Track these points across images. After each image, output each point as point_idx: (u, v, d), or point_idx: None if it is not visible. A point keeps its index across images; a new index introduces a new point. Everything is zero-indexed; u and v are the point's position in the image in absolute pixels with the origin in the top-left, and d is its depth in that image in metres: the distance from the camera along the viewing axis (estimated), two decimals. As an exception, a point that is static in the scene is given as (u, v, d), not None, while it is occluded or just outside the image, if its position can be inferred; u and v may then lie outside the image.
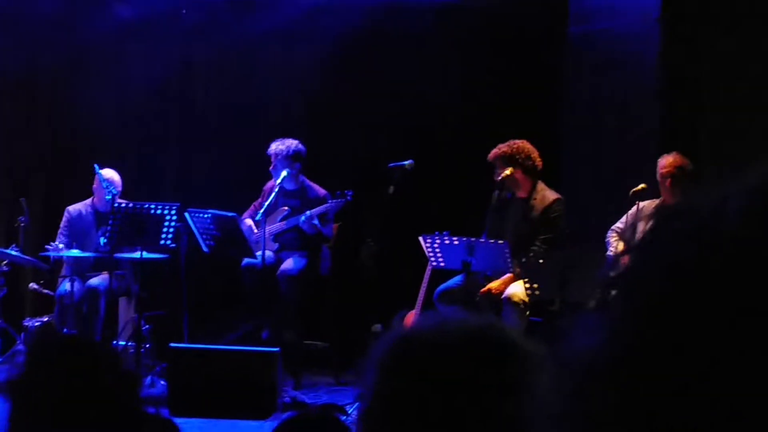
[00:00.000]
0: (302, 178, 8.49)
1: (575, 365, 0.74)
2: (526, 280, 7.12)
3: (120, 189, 8.35)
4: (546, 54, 9.09)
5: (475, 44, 9.22)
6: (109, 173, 8.44)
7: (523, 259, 7.17)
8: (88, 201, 8.72)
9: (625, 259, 0.78)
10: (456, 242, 7.16)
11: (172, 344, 7.51)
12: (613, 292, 0.78)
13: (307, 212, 8.21)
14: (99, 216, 8.57)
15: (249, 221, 8.50)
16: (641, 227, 7.39)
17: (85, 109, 9.58)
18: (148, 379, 7.82)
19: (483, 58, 9.20)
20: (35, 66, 9.70)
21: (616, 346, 0.72)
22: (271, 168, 8.40)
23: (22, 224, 8.66)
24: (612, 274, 0.79)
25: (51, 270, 8.66)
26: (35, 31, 9.53)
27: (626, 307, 0.74)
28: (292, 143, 8.37)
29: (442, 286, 7.63)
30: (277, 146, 8.36)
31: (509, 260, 7.18)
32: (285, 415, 6.58)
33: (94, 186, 8.61)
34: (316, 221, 8.21)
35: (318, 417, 2.47)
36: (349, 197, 8.09)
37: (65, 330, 7.98)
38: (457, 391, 1.38)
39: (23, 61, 9.61)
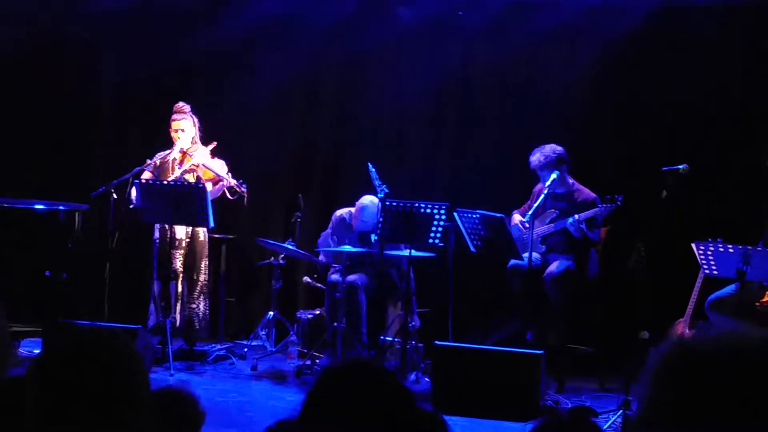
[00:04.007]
0: (572, 181, 8.39)
1: None
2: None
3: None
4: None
5: (754, 46, 8.85)
6: (368, 198, 8.60)
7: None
8: (354, 210, 8.93)
9: None
10: (731, 250, 6.90)
11: (438, 342, 7.61)
12: None
13: (576, 215, 8.13)
14: (359, 235, 8.75)
15: (518, 217, 8.49)
16: None
17: (364, 111, 9.86)
18: (413, 375, 7.97)
19: (763, 59, 8.82)
20: (319, 69, 10.06)
21: None
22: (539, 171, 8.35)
23: (299, 220, 9.00)
24: None
25: (324, 264, 8.96)
26: (320, 35, 9.88)
27: None
28: (546, 149, 8.27)
29: (715, 295, 7.39)
30: (537, 158, 8.28)
31: (788, 271, 6.87)
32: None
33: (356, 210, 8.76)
34: (583, 225, 8.11)
35: (573, 421, 2.43)
36: (619, 202, 7.94)
37: (335, 324, 8.25)
38: (740, 406, 1.33)
39: (308, 65, 9.99)
